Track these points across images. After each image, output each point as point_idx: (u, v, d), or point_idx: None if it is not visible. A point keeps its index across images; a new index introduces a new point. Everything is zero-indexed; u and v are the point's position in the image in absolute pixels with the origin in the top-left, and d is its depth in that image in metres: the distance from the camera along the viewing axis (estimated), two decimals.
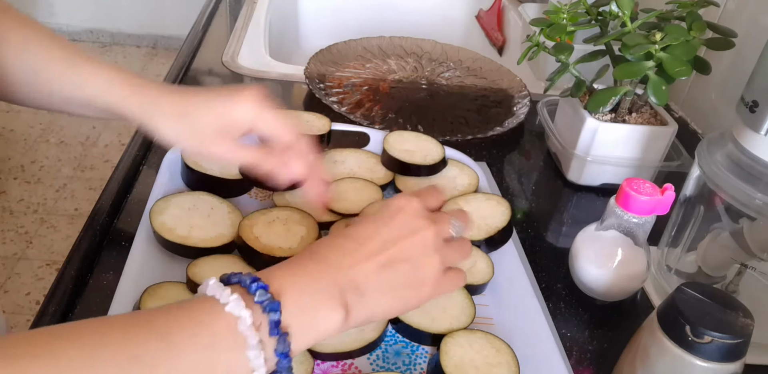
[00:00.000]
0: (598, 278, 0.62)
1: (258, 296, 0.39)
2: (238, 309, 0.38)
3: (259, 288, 0.39)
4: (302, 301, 0.40)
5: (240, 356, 0.37)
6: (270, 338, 0.38)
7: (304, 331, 0.40)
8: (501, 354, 0.52)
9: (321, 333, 0.41)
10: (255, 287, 0.39)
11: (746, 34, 0.81)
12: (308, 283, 0.41)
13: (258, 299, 0.39)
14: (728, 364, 0.45)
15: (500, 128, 0.90)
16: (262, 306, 0.39)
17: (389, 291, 0.44)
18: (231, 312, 0.38)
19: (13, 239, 1.97)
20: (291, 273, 0.42)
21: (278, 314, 0.39)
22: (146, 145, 0.80)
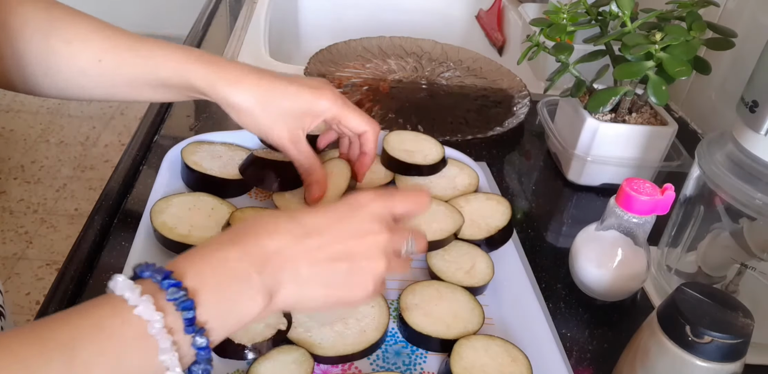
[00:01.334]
0: (598, 279, 0.62)
1: (170, 294, 0.37)
2: (148, 312, 0.36)
3: (171, 286, 0.37)
4: (220, 292, 0.39)
5: (152, 359, 0.36)
6: (186, 335, 0.37)
7: (222, 323, 0.39)
8: (516, 363, 0.52)
9: (240, 322, 0.40)
10: (167, 284, 0.37)
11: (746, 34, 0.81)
12: (226, 272, 0.40)
13: (170, 297, 0.37)
14: (728, 364, 0.45)
15: (500, 128, 0.90)
16: (174, 304, 0.37)
17: (321, 286, 0.43)
18: (140, 315, 0.35)
19: (13, 239, 1.97)
20: (207, 262, 0.40)
21: (192, 312, 0.37)
22: (146, 145, 0.80)
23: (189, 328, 0.37)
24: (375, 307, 0.56)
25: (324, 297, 0.44)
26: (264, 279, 0.40)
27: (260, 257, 0.41)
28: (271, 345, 0.51)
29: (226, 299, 0.39)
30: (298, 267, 0.42)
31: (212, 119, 0.87)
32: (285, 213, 0.45)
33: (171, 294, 0.37)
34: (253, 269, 0.40)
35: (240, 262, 0.40)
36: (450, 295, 0.58)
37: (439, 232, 0.63)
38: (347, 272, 0.44)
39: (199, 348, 0.37)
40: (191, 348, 0.37)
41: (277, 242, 0.42)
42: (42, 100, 2.65)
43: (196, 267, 0.39)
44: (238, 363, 0.51)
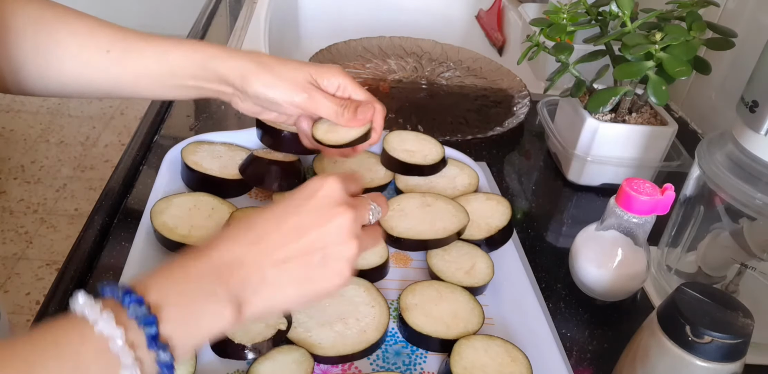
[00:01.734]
0: (598, 279, 0.62)
1: (131, 310, 0.36)
2: (108, 327, 0.35)
3: (133, 302, 0.36)
4: (183, 307, 0.38)
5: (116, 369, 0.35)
6: (149, 351, 0.36)
7: (188, 338, 0.38)
8: (516, 363, 0.52)
9: (207, 335, 0.39)
10: (128, 300, 0.36)
11: (746, 34, 0.81)
12: (189, 287, 0.39)
13: (131, 313, 0.36)
14: (728, 364, 0.45)
15: (500, 128, 0.90)
16: (136, 320, 0.36)
17: (292, 283, 0.42)
18: (101, 332, 0.35)
19: (13, 239, 1.97)
20: (170, 278, 0.39)
21: (154, 327, 0.36)
22: (146, 145, 0.80)
23: (152, 344, 0.36)
24: (375, 307, 0.56)
25: (298, 295, 0.43)
26: (230, 291, 0.40)
27: (225, 269, 0.40)
28: (271, 345, 0.51)
29: (190, 314, 0.38)
30: (263, 272, 0.41)
31: (212, 119, 0.87)
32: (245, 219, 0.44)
33: (133, 310, 0.36)
34: (218, 282, 0.39)
35: (203, 277, 0.39)
36: (450, 295, 0.58)
37: (442, 231, 0.63)
38: (321, 263, 0.43)
39: (163, 364, 0.37)
40: (155, 364, 0.37)
41: (238, 250, 0.41)
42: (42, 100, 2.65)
43: (159, 284, 0.38)
44: (238, 363, 0.51)
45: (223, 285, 0.39)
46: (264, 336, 0.51)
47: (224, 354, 0.51)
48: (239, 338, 0.51)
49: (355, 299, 0.56)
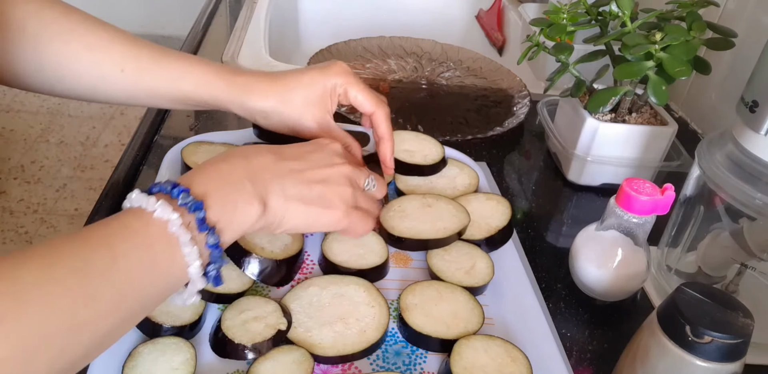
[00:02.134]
0: (598, 279, 0.62)
1: (181, 199, 0.43)
2: (166, 213, 0.41)
3: (181, 192, 0.43)
4: (222, 197, 0.45)
5: (176, 253, 0.41)
6: (200, 234, 0.43)
7: (229, 223, 0.45)
8: (516, 364, 0.52)
9: (244, 224, 0.46)
10: (177, 192, 0.43)
11: (746, 34, 0.81)
12: (225, 182, 0.46)
13: (181, 202, 0.42)
14: (728, 364, 0.45)
15: (500, 128, 0.90)
16: (187, 208, 0.42)
17: (301, 202, 0.50)
18: (160, 217, 0.41)
19: (13, 239, 1.97)
20: (209, 175, 0.46)
21: (203, 212, 0.43)
22: (146, 145, 0.80)
23: (202, 226, 0.43)
24: (375, 307, 0.56)
25: (305, 214, 0.51)
26: (256, 187, 0.47)
27: (250, 170, 0.48)
28: (271, 345, 0.51)
29: (229, 202, 0.45)
30: (283, 182, 0.50)
31: (212, 119, 0.87)
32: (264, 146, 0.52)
33: (182, 199, 0.43)
34: (246, 178, 0.47)
35: (233, 173, 0.47)
36: (450, 295, 0.58)
37: (443, 230, 0.63)
38: (322, 194, 0.52)
39: (212, 246, 0.43)
40: (205, 247, 0.43)
41: (263, 159, 0.50)
42: (42, 100, 2.65)
43: (198, 179, 0.45)
44: (238, 363, 0.51)
45: (250, 182, 0.47)
46: (264, 336, 0.51)
47: (224, 354, 0.51)
48: (239, 338, 0.51)
49: (355, 299, 0.56)
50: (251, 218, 0.47)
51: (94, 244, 0.38)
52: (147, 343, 0.50)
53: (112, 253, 0.38)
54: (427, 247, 0.63)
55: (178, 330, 0.52)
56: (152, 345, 0.50)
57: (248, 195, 0.47)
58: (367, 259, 0.61)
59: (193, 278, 0.43)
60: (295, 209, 0.50)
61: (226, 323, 0.52)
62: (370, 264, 0.60)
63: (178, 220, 0.41)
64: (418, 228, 0.63)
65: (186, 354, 0.50)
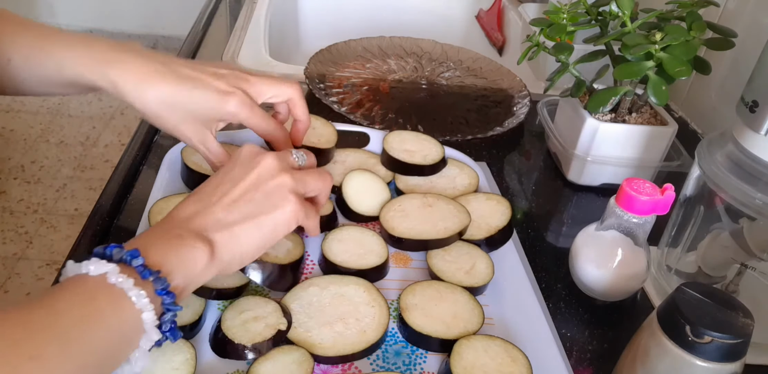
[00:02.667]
0: (598, 279, 0.62)
1: (115, 254, 0.42)
2: (101, 267, 0.40)
3: (113, 248, 0.42)
4: (160, 245, 0.44)
5: (122, 302, 0.40)
6: (144, 281, 0.41)
7: (175, 267, 0.43)
8: (516, 364, 0.52)
9: (195, 268, 0.44)
10: (108, 251, 0.42)
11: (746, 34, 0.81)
12: (161, 234, 0.45)
13: (116, 256, 0.41)
14: (728, 364, 0.45)
15: (500, 128, 0.90)
16: (123, 259, 0.41)
17: (245, 220, 0.48)
18: (97, 272, 0.40)
19: (13, 239, 1.97)
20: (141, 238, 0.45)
21: (141, 259, 0.42)
22: (146, 145, 0.80)
23: (145, 272, 0.41)
24: (375, 307, 0.56)
25: (258, 228, 0.48)
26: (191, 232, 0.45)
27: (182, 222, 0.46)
28: (271, 345, 0.51)
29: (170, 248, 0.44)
30: (215, 214, 0.47)
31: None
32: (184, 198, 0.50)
33: (116, 254, 0.42)
34: (178, 229, 0.46)
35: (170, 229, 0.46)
36: (450, 295, 0.58)
37: (444, 231, 0.63)
38: (262, 198, 0.49)
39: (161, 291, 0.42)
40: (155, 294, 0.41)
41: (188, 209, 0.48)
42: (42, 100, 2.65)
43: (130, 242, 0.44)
44: (238, 363, 0.51)
45: (185, 229, 0.46)
46: (264, 336, 0.51)
47: (224, 354, 0.51)
48: (239, 338, 0.51)
49: (355, 299, 0.56)
50: (200, 261, 0.45)
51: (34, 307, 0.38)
52: None
53: (53, 311, 0.38)
54: (427, 247, 0.63)
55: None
56: None
57: (186, 239, 0.45)
58: (367, 259, 0.61)
59: (146, 326, 0.41)
60: (245, 231, 0.47)
61: (226, 323, 0.52)
62: (370, 264, 0.60)
63: (116, 269, 0.40)
64: (418, 229, 0.63)
65: (186, 354, 0.50)
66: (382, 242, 0.63)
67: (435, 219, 0.64)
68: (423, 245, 0.63)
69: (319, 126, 0.74)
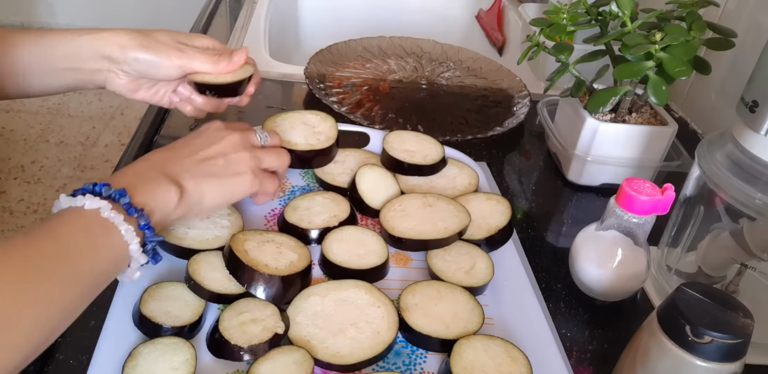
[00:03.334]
0: (598, 279, 0.62)
1: (104, 191, 0.48)
2: (94, 203, 0.46)
3: (103, 186, 0.48)
4: (140, 186, 0.50)
5: (113, 234, 0.47)
6: (130, 217, 0.48)
7: (155, 206, 0.50)
8: (516, 363, 0.52)
9: (167, 207, 0.52)
10: (99, 187, 0.48)
11: (746, 34, 0.81)
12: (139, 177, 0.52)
13: (105, 193, 0.48)
14: (728, 364, 0.45)
15: (500, 128, 0.90)
16: (112, 197, 0.48)
17: (211, 177, 0.55)
18: (91, 207, 0.46)
19: None
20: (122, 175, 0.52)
21: (128, 197, 0.48)
22: (146, 145, 0.80)
23: (131, 210, 0.48)
24: (381, 307, 0.56)
25: (220, 186, 0.56)
26: (166, 176, 0.53)
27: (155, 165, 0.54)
28: (267, 348, 0.51)
29: (148, 189, 0.51)
30: (186, 165, 0.55)
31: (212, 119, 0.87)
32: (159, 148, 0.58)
33: (105, 192, 0.48)
34: (154, 171, 0.53)
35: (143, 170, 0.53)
36: (450, 295, 0.58)
37: (444, 231, 0.63)
38: (224, 165, 0.57)
39: (143, 226, 0.49)
40: (138, 228, 0.48)
41: (160, 155, 0.55)
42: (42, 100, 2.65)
43: (114, 179, 0.51)
44: (238, 364, 0.51)
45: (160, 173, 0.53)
46: (261, 339, 0.51)
47: (220, 355, 0.51)
48: (236, 339, 0.50)
49: (359, 302, 0.56)
50: (172, 202, 0.52)
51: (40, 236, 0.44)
52: (147, 343, 0.50)
53: (56, 240, 0.44)
54: (427, 247, 0.63)
55: (178, 330, 0.52)
56: (152, 345, 0.50)
57: (163, 182, 0.52)
58: (367, 259, 0.61)
59: (133, 255, 0.48)
60: (208, 185, 0.55)
61: (224, 324, 0.52)
62: (370, 264, 0.60)
63: (108, 205, 0.47)
64: (418, 229, 0.63)
65: (186, 354, 0.50)
66: (382, 242, 0.63)
67: (435, 219, 0.64)
68: (423, 245, 0.63)
69: (318, 122, 0.73)
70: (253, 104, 0.95)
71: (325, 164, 0.72)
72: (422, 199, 0.67)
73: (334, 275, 0.60)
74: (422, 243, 0.62)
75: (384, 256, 0.61)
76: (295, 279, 0.56)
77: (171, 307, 0.53)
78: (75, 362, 0.52)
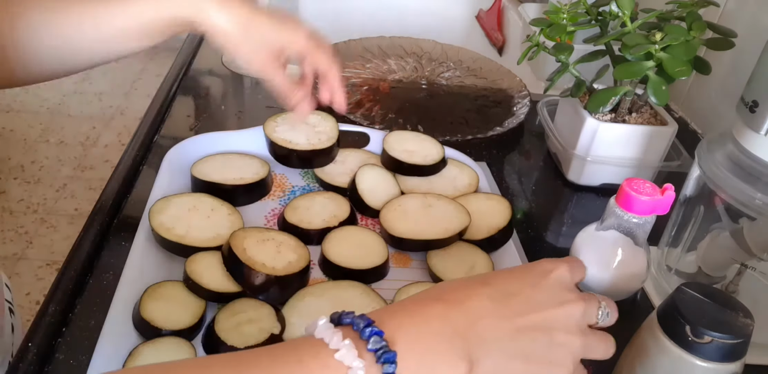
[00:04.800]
0: (598, 279, 0.62)
1: (372, 343, 0.35)
2: (349, 357, 0.34)
3: (374, 335, 0.36)
4: (420, 352, 0.36)
5: None
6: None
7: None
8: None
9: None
10: (369, 332, 0.36)
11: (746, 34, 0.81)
12: (429, 331, 0.37)
13: (371, 347, 0.35)
14: (728, 364, 0.45)
15: (500, 128, 0.90)
16: (375, 356, 0.35)
17: (519, 358, 0.39)
18: (341, 360, 0.34)
19: (13, 239, 1.97)
20: (410, 316, 0.38)
21: (393, 366, 0.35)
22: (146, 145, 0.80)
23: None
24: (377, 307, 0.56)
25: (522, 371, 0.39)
26: (468, 344, 0.37)
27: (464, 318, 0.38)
28: None
29: (428, 359, 0.36)
30: (502, 335, 0.39)
31: (212, 119, 0.87)
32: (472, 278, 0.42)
33: (373, 344, 0.35)
34: (458, 331, 0.38)
35: (444, 321, 0.38)
36: None
37: (444, 231, 0.63)
38: (547, 346, 0.40)
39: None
40: None
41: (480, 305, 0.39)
42: (42, 100, 2.65)
43: (397, 319, 0.37)
44: None
45: (461, 337, 0.37)
46: (257, 340, 0.51)
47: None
48: (232, 340, 0.50)
49: (354, 302, 0.56)
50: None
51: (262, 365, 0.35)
52: (147, 343, 0.50)
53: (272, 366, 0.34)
54: (427, 247, 0.63)
55: (177, 334, 0.52)
56: (152, 344, 0.50)
57: (455, 354, 0.37)
58: (367, 259, 0.61)
59: None
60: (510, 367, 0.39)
61: (220, 324, 0.52)
62: (370, 264, 0.60)
63: (361, 370, 0.34)
64: (418, 229, 0.63)
65: (186, 354, 0.50)
66: (382, 242, 0.63)
67: (435, 219, 0.64)
68: (423, 245, 0.63)
69: (318, 122, 0.74)
70: (253, 103, 0.95)
71: (326, 164, 0.72)
72: (422, 199, 0.67)
73: (334, 275, 0.60)
74: (422, 243, 0.62)
75: (384, 256, 0.61)
76: (293, 280, 0.56)
77: (170, 309, 0.53)
78: (75, 362, 0.52)
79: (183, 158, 0.70)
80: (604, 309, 0.44)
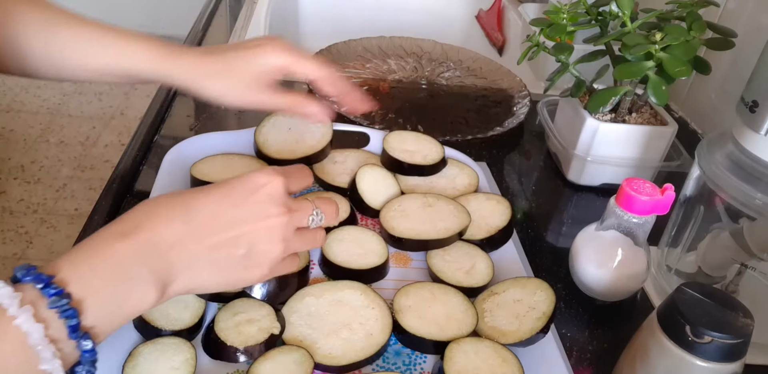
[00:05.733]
0: (598, 278, 0.62)
1: (52, 302, 0.36)
2: (27, 323, 0.35)
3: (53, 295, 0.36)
4: (107, 296, 0.38)
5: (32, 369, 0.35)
6: (70, 340, 0.37)
7: (109, 324, 0.39)
8: (507, 364, 0.52)
9: (129, 318, 0.40)
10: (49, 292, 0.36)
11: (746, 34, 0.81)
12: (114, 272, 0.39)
13: (52, 305, 0.36)
14: (728, 364, 0.45)
15: (500, 128, 0.90)
16: (57, 313, 0.36)
17: (215, 271, 0.43)
18: (20, 326, 0.35)
19: (13, 239, 1.97)
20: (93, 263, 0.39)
21: (76, 319, 0.36)
22: (146, 145, 0.80)
23: (73, 335, 0.36)
24: (375, 309, 0.56)
25: (218, 281, 0.44)
26: (156, 274, 0.40)
27: (153, 250, 0.40)
28: (263, 349, 0.51)
29: (114, 301, 0.39)
30: (192, 257, 0.42)
31: (212, 119, 0.87)
32: (179, 196, 0.44)
33: (53, 303, 0.36)
34: (146, 265, 0.40)
35: (132, 259, 0.40)
36: (443, 297, 0.58)
37: (444, 231, 0.63)
38: (243, 257, 0.44)
39: (84, 351, 0.37)
40: (76, 350, 0.37)
41: (171, 230, 0.41)
42: (42, 100, 2.65)
43: (80, 271, 0.38)
44: (238, 363, 0.51)
45: (148, 268, 0.40)
46: (257, 340, 0.51)
47: (216, 356, 0.51)
48: (231, 340, 0.50)
49: (353, 303, 0.56)
50: (142, 310, 0.41)
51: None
52: (147, 343, 0.50)
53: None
54: (427, 247, 0.63)
55: (177, 333, 0.52)
56: (152, 345, 0.50)
57: (144, 286, 0.40)
58: (367, 259, 0.61)
59: None
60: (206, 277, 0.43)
61: (219, 324, 0.52)
62: (370, 264, 0.60)
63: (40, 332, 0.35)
64: (418, 229, 0.63)
65: (186, 354, 0.50)
66: (382, 242, 0.63)
67: (435, 219, 0.64)
68: (423, 245, 0.63)
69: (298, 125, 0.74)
70: None
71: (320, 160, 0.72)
72: (422, 199, 0.67)
73: (334, 275, 0.60)
74: (422, 243, 0.62)
75: (384, 256, 0.61)
76: (292, 279, 0.56)
77: (170, 309, 0.53)
78: None
79: (183, 158, 0.70)
80: (317, 214, 0.48)
